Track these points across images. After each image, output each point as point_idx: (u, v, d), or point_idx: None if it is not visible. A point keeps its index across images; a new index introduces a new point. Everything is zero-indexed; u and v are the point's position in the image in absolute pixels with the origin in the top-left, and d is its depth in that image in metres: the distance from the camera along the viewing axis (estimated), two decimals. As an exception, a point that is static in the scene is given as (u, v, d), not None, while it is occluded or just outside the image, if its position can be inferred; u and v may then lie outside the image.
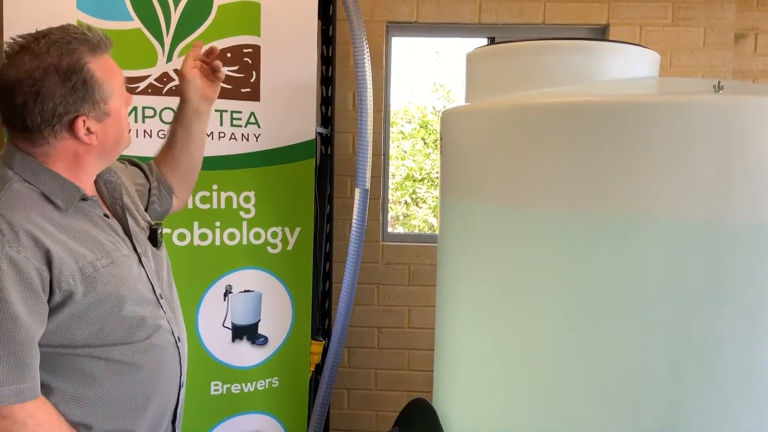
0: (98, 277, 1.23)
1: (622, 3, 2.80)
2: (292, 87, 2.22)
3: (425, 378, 3.05)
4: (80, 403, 1.27)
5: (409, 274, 3.02)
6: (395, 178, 5.61)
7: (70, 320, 1.22)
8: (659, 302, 1.35)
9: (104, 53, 1.28)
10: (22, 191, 1.21)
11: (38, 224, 1.19)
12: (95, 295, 1.23)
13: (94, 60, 1.24)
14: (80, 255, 1.22)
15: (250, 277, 2.29)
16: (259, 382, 2.32)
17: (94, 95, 1.23)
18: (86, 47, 1.23)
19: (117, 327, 1.28)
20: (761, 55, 2.89)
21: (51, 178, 1.24)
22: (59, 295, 1.19)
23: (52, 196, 1.23)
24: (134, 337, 1.31)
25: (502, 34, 2.90)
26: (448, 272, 1.78)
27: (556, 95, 1.48)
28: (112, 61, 1.31)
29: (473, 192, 1.62)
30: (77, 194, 1.26)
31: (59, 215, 1.24)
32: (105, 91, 1.25)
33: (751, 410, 1.36)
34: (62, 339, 1.23)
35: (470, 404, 1.70)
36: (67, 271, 1.19)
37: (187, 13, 2.11)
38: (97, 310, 1.24)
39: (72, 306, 1.21)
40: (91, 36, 1.25)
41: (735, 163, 1.28)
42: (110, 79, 1.27)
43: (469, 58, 1.82)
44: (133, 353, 1.31)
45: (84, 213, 1.28)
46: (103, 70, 1.25)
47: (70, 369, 1.26)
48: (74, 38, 1.22)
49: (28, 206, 1.20)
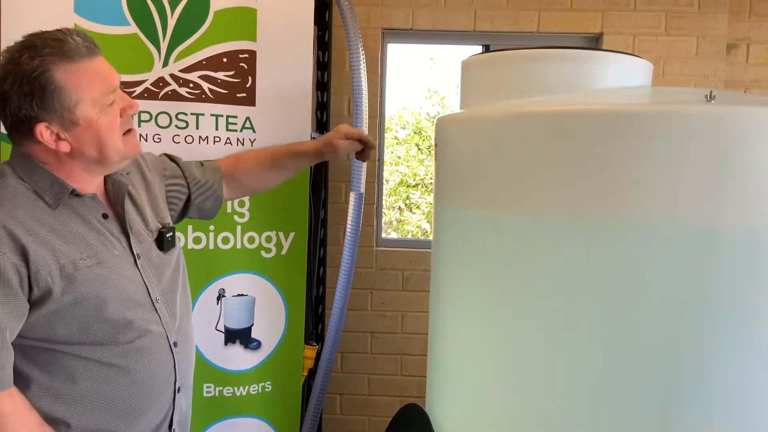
0: (78, 277, 1.24)
1: (616, 12, 2.83)
2: (287, 92, 2.23)
3: (418, 383, 3.06)
4: (58, 399, 1.28)
5: (402, 280, 3.02)
6: (389, 184, 5.61)
7: (50, 317, 1.24)
8: (653, 309, 1.36)
9: (82, 59, 1.23)
10: (14, 188, 1.24)
11: (21, 221, 1.21)
12: (75, 294, 1.24)
13: (63, 66, 1.20)
14: (63, 253, 1.23)
15: (244, 282, 2.29)
16: (251, 386, 2.32)
17: (53, 102, 1.20)
18: (57, 54, 1.20)
19: (100, 327, 1.28)
20: (753, 65, 2.91)
21: (43, 176, 1.26)
22: (37, 291, 1.21)
23: (43, 193, 1.25)
24: (118, 339, 1.31)
25: (497, 41, 2.92)
26: (441, 278, 1.78)
27: (549, 103, 1.49)
28: (94, 70, 1.25)
29: (468, 198, 1.63)
30: (66, 191, 1.27)
31: (48, 213, 1.25)
32: (69, 98, 1.21)
33: (744, 415, 1.37)
34: (44, 334, 1.25)
35: (463, 410, 1.70)
36: (45, 268, 1.21)
37: (184, 18, 2.11)
38: (77, 310, 1.25)
39: (51, 303, 1.23)
40: (72, 42, 1.21)
41: (727, 172, 1.30)
42: (79, 87, 1.22)
43: (464, 65, 1.84)
44: (116, 355, 1.31)
45: (77, 212, 1.29)
46: (71, 78, 1.21)
47: (52, 364, 1.28)
48: (48, 44, 1.20)
49: (15, 203, 1.22)
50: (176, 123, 2.13)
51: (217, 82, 2.15)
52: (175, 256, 1.49)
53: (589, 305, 1.41)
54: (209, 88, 2.15)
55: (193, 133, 2.15)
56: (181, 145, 2.13)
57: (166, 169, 1.62)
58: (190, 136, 2.15)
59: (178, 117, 2.13)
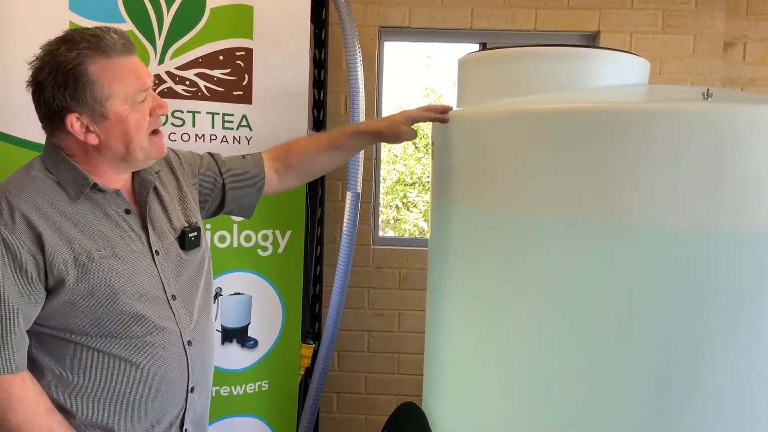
0: (92, 267, 1.27)
1: (613, 10, 2.82)
2: (284, 90, 2.22)
3: (415, 382, 3.06)
4: (67, 389, 1.30)
5: (399, 278, 3.02)
6: (386, 183, 5.61)
7: (64, 306, 1.27)
8: (649, 309, 1.36)
9: (118, 56, 1.26)
10: (38, 178, 1.28)
11: (40, 209, 1.24)
12: (87, 284, 1.26)
13: (98, 61, 1.24)
14: (79, 243, 1.26)
15: (241, 280, 2.28)
16: (248, 385, 2.32)
17: (85, 95, 1.23)
18: (93, 48, 1.23)
19: (112, 320, 1.30)
20: (750, 63, 2.91)
21: (67, 168, 1.29)
22: (51, 279, 1.24)
23: (65, 185, 1.29)
24: (130, 333, 1.32)
25: (494, 39, 2.92)
26: (438, 276, 1.78)
27: (546, 101, 1.49)
28: (129, 67, 1.28)
29: (464, 197, 1.63)
30: (87, 184, 1.29)
31: (69, 204, 1.28)
32: (101, 92, 1.24)
33: (739, 416, 1.37)
34: (59, 323, 1.28)
35: (460, 408, 1.70)
36: (59, 257, 1.24)
37: (180, 15, 2.11)
38: (89, 300, 1.27)
39: (64, 293, 1.25)
40: (109, 38, 1.25)
41: (723, 171, 1.29)
42: (112, 82, 1.25)
43: (461, 63, 1.83)
44: (128, 349, 1.32)
45: (98, 205, 1.32)
46: (105, 73, 1.24)
47: (64, 353, 1.30)
48: (86, 38, 1.24)
49: (37, 192, 1.26)
50: (172, 121, 2.12)
51: (214, 79, 2.15)
52: (198, 255, 1.49)
53: (586, 304, 1.41)
54: (205, 86, 2.14)
55: (190, 131, 2.14)
56: (177, 143, 2.12)
57: (202, 165, 1.63)
58: (187, 134, 2.14)
59: (174, 115, 2.12)
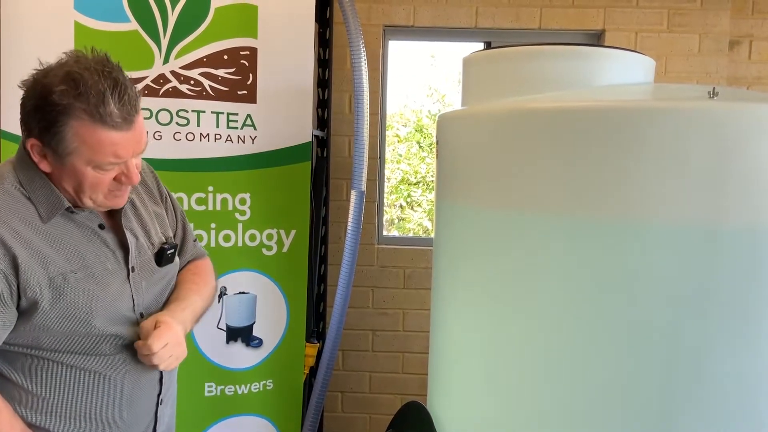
0: (67, 289, 1.23)
1: (618, 9, 2.82)
2: (288, 89, 2.22)
3: (419, 381, 3.06)
4: (39, 405, 1.27)
5: (404, 277, 3.02)
6: (390, 182, 5.61)
7: (35, 327, 1.22)
8: (654, 307, 1.35)
9: (107, 130, 1.16)
10: (11, 193, 1.22)
11: (14, 229, 1.19)
12: (62, 307, 1.22)
13: (84, 122, 1.15)
14: (54, 264, 1.22)
15: (245, 279, 2.29)
16: (253, 385, 2.32)
17: (51, 138, 1.16)
18: (88, 113, 1.14)
19: (85, 339, 1.27)
20: (755, 61, 2.90)
21: (41, 186, 1.24)
22: (25, 301, 1.20)
23: (37, 203, 1.23)
24: (99, 350, 1.30)
25: (499, 38, 2.92)
26: (443, 275, 1.78)
27: (551, 100, 1.48)
28: (112, 143, 1.17)
29: (469, 196, 1.62)
30: (60, 207, 1.24)
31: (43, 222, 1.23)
32: (67, 146, 1.17)
33: (743, 415, 1.36)
34: (28, 341, 1.24)
35: (465, 407, 1.70)
36: (34, 279, 1.19)
37: (185, 14, 2.11)
38: (63, 322, 1.23)
39: (38, 315, 1.21)
40: (112, 107, 1.15)
41: (729, 169, 1.29)
42: (83, 144, 1.16)
43: (466, 62, 1.83)
44: (100, 364, 1.30)
45: (72, 220, 1.27)
46: (82, 135, 1.15)
47: (34, 370, 1.27)
48: (89, 92, 1.14)
49: (9, 211, 1.20)
50: (177, 120, 2.13)
51: (218, 79, 2.15)
52: (171, 272, 1.46)
53: (590, 303, 1.40)
54: (210, 85, 2.14)
55: (194, 131, 2.15)
56: (181, 143, 2.13)
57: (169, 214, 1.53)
58: (191, 134, 2.14)
59: (178, 114, 2.13)
